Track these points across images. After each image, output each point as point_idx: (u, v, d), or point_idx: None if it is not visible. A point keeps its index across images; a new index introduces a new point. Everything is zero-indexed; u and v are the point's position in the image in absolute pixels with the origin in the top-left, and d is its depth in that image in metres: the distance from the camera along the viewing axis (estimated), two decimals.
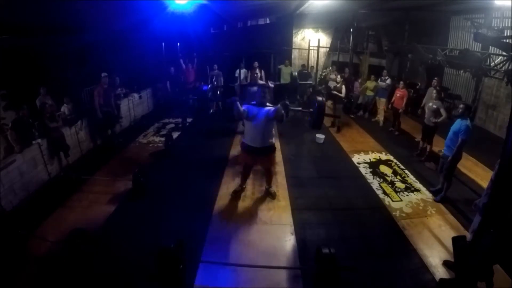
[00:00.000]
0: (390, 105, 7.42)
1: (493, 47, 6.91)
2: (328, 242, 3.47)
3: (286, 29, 11.15)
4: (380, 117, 8.11)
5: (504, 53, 6.42)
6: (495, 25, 7.37)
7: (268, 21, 12.16)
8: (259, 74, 8.07)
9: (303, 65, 10.84)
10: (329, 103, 10.54)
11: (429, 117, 5.59)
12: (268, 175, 4.40)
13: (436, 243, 3.52)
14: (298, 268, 3.10)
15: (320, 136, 6.62)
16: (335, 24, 11.09)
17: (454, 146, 4.06)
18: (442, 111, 5.42)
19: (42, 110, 5.13)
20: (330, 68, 10.95)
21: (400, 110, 7.10)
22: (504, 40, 6.52)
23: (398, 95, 7.07)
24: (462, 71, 8.37)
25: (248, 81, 8.05)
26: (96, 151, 6.27)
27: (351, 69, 9.76)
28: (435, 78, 6.50)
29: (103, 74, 6.14)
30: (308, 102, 9.20)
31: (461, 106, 4.21)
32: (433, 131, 5.65)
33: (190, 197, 4.42)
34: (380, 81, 7.86)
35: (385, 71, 8.06)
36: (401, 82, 7.24)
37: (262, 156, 4.06)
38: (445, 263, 3.17)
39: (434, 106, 5.49)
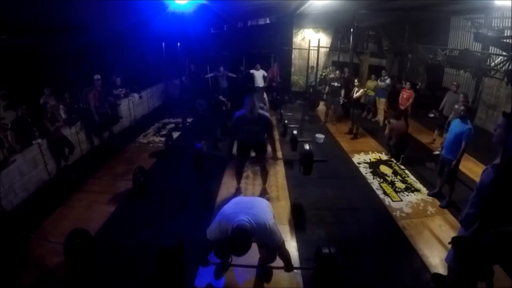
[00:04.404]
0: (397, 106, 7.37)
1: (493, 47, 6.91)
2: (328, 242, 3.47)
3: (286, 29, 11.15)
4: (380, 117, 8.11)
5: (504, 53, 6.41)
6: (495, 25, 7.37)
7: (268, 21, 12.16)
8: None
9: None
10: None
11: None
12: None
13: (436, 243, 3.51)
14: (298, 268, 3.10)
15: (320, 136, 6.61)
16: (335, 24, 11.08)
17: (456, 149, 3.97)
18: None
19: (43, 110, 5.14)
20: (330, 68, 10.95)
21: (402, 108, 7.08)
22: (504, 40, 6.52)
23: (404, 96, 7.08)
24: (462, 71, 8.36)
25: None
26: (96, 151, 6.27)
27: (351, 69, 9.75)
28: (454, 83, 6.50)
29: (95, 77, 6.11)
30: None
31: (462, 108, 4.12)
32: None
33: (190, 197, 4.42)
34: (380, 81, 7.86)
35: (384, 71, 8.07)
36: (408, 83, 7.25)
37: None
38: (434, 277, 2.99)
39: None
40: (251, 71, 9.28)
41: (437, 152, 5.60)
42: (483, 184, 2.19)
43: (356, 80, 7.34)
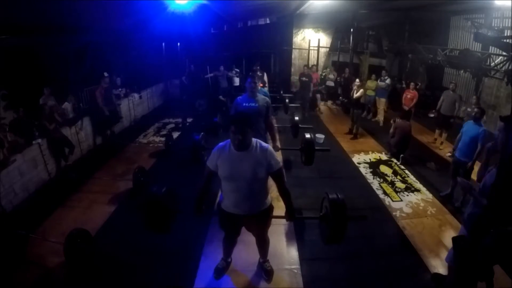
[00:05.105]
0: (400, 107, 7.40)
1: (493, 47, 6.91)
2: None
3: (286, 29, 11.15)
4: (380, 117, 8.11)
5: (504, 53, 6.41)
6: (495, 25, 7.37)
7: (268, 21, 12.17)
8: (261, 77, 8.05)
9: (305, 67, 9.78)
10: (329, 103, 10.58)
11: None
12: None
13: (436, 243, 3.51)
14: (298, 267, 3.10)
15: (320, 136, 6.61)
16: (335, 24, 11.08)
17: (470, 152, 3.94)
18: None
19: (41, 111, 5.13)
20: (330, 68, 10.97)
21: (406, 108, 7.09)
22: (504, 40, 6.52)
23: (408, 96, 7.14)
24: (462, 71, 8.37)
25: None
26: (96, 151, 6.27)
27: (351, 69, 9.76)
28: (453, 81, 6.55)
29: (105, 74, 6.17)
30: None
31: (476, 110, 4.10)
32: None
33: (190, 197, 4.40)
34: (380, 81, 7.86)
35: (384, 71, 8.07)
36: (412, 84, 7.33)
37: None
38: (434, 277, 3.00)
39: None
40: (229, 73, 9.25)
41: (448, 154, 5.65)
42: (486, 185, 2.19)
43: (357, 80, 7.35)
